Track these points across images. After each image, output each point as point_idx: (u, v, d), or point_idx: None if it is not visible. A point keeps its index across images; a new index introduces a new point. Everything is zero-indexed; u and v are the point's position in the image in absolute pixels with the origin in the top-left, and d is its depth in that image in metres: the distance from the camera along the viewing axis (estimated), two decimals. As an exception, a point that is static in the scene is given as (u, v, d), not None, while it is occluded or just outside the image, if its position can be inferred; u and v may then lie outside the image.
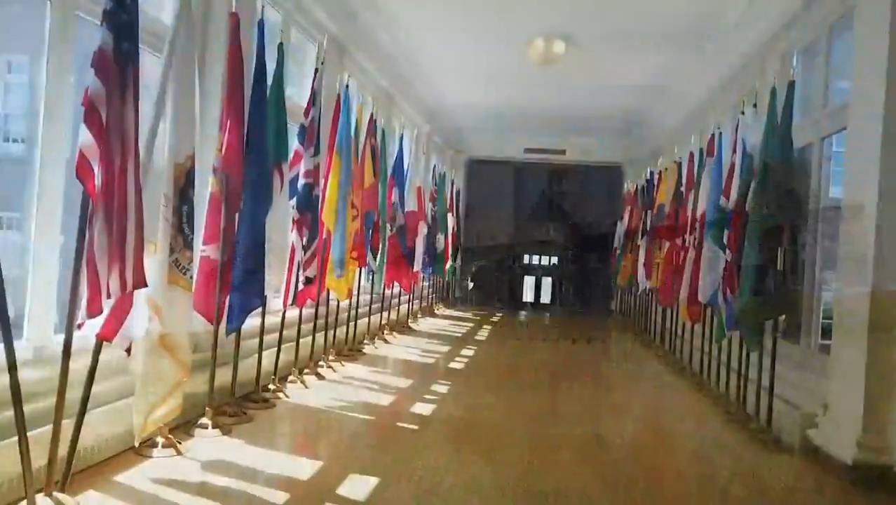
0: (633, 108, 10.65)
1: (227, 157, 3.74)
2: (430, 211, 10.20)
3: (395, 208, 7.54)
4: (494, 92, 10.49)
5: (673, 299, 7.72)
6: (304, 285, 4.88)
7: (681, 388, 6.18)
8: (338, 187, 5.37)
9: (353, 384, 5.31)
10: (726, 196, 5.52)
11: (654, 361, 7.70)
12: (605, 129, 12.78)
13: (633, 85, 9.21)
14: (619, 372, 6.97)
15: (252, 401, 4.38)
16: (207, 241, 3.78)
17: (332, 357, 5.98)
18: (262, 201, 3.93)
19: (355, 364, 6.15)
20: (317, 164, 4.83)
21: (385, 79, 8.43)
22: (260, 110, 3.92)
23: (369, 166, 6.45)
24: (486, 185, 16.43)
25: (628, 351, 8.70)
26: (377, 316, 7.90)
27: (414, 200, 8.28)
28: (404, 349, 7.29)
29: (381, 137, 7.28)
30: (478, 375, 6.03)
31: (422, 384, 5.51)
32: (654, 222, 8.98)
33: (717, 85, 7.51)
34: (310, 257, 4.81)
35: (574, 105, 10.94)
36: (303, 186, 4.71)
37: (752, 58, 6.40)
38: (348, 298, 6.21)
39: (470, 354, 7.27)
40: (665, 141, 10.55)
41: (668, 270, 7.89)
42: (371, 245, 6.77)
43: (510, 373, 6.26)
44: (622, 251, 11.69)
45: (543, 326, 12.03)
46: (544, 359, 7.36)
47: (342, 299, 5.72)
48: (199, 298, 3.77)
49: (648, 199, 9.75)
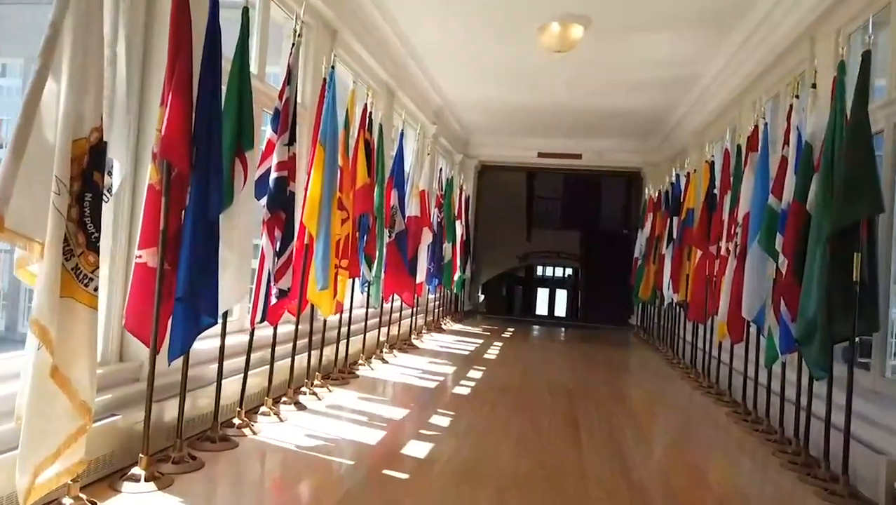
0: (655, 105, 9.84)
1: (168, 140, 2.98)
2: (436, 217, 9.44)
3: (394, 212, 6.77)
4: (505, 91, 9.74)
5: (705, 315, 6.90)
6: (278, 299, 4.10)
7: (722, 420, 5.34)
8: (321, 184, 4.61)
9: (338, 415, 4.52)
10: (776, 195, 4.71)
11: (686, 385, 6.85)
12: (623, 130, 11.99)
13: (656, 78, 8.41)
14: (647, 399, 6.12)
15: (210, 440, 3.61)
16: (144, 245, 3.03)
17: (317, 382, 5.20)
18: (215, 196, 3.16)
19: (345, 389, 5.36)
20: (292, 154, 4.06)
21: (385, 71, 7.69)
22: (213, 84, 3.17)
23: (363, 164, 5.70)
24: (498, 191, 15.64)
25: (655, 373, 7.84)
26: (378, 332, 7.10)
27: (417, 205, 7.51)
28: (404, 371, 6.49)
29: (379, 133, 6.54)
30: (485, 402, 5.21)
31: (420, 415, 4.71)
32: (681, 229, 8.16)
33: (755, 71, 6.69)
34: (283, 265, 4.04)
35: (591, 105, 10.16)
36: (275, 181, 3.94)
37: (798, 38, 5.60)
38: (337, 312, 5.45)
39: (477, 377, 6.46)
40: (691, 141, 9.74)
41: (699, 281, 7.06)
42: (365, 252, 6.00)
43: (523, 401, 5.44)
44: (643, 261, 10.87)
45: (559, 342, 11.17)
46: (561, 382, 6.52)
47: (326, 315, 4.93)
48: (133, 314, 3.03)
49: (674, 204, 8.94)
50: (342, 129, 5.33)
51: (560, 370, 7.41)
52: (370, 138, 6.08)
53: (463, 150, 13.30)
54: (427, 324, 9.93)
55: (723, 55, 7.15)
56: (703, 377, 6.85)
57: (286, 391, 4.64)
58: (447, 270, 10.39)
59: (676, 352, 8.59)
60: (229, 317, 3.86)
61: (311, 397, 4.85)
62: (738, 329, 5.54)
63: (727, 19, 6.30)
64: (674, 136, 11.04)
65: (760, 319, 5.13)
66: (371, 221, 6.03)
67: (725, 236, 6.21)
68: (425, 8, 6.79)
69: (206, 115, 3.12)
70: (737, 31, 6.50)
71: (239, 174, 3.54)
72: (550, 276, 24.00)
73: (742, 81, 7.17)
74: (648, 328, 11.20)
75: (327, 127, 4.67)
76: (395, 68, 8.12)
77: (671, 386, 6.85)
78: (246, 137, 3.57)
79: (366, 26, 6.82)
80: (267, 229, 3.92)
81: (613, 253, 16.48)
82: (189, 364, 3.33)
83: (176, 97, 3.00)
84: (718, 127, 8.68)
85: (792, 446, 4.31)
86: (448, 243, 10.33)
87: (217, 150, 3.19)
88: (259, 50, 4.96)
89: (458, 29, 7.29)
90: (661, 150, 12.25)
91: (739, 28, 6.41)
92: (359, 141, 5.70)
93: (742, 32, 6.44)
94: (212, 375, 3.78)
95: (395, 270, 6.84)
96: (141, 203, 3.14)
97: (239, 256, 3.52)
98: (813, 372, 3.92)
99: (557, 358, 8.65)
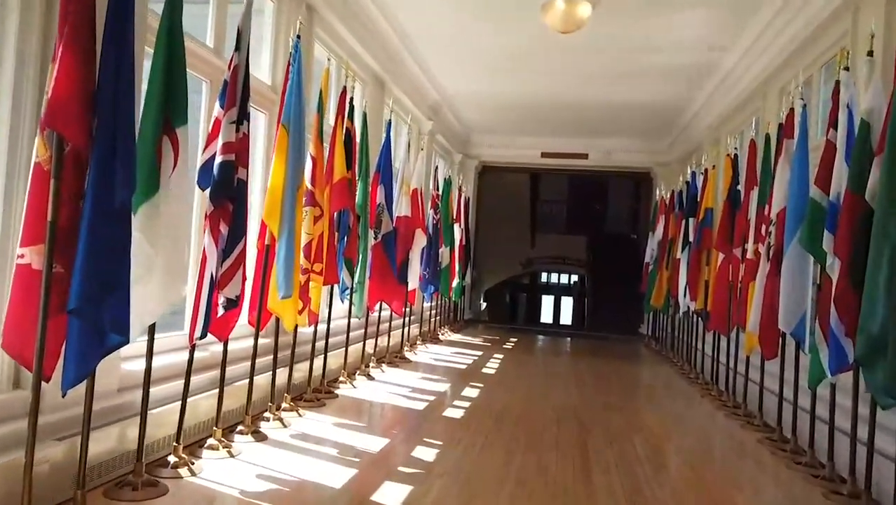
0: (668, 98, 9.12)
1: (56, 104, 2.29)
2: (432, 219, 8.74)
3: (380, 211, 6.08)
4: (507, 84, 9.05)
5: (729, 325, 6.17)
6: (226, 309, 3.40)
7: (751, 446, 4.61)
8: (284, 174, 3.91)
9: (303, 448, 3.80)
10: (822, 187, 4.00)
11: (707, 404, 6.11)
12: (632, 128, 11.28)
13: (671, 66, 7.70)
14: (668, 427, 5.39)
15: (131, 486, 2.90)
16: (28, 242, 2.34)
17: (285, 405, 4.50)
18: (123, 179, 2.46)
19: (319, 413, 4.64)
20: (242, 136, 3.37)
21: (374, 60, 7.02)
22: (122, 37, 2.48)
23: (341, 155, 5.01)
24: (500, 194, 14.92)
25: (672, 391, 7.11)
26: (363, 345, 6.38)
27: (407, 204, 6.81)
28: (390, 389, 5.77)
29: (363, 123, 5.85)
30: (479, 432, 4.49)
31: (401, 446, 4.00)
32: (699, 231, 7.44)
33: (787, 49, 5.96)
34: (231, 268, 3.33)
35: (598, 99, 9.46)
36: (219, 166, 3.24)
37: (842, 5, 4.89)
38: (310, 324, 4.75)
39: (473, 396, 5.74)
40: (707, 137, 9.04)
41: (721, 288, 6.34)
42: (345, 256, 5.31)
43: (525, 430, 4.70)
44: (655, 267, 10.14)
45: (564, 354, 10.42)
46: (569, 405, 5.79)
47: (290, 327, 4.21)
48: (13, 330, 2.34)
49: (690, 204, 8.22)
50: (315, 112, 4.66)
51: (567, 390, 6.67)
52: (351, 127, 5.40)
53: (462, 149, 12.61)
54: (422, 334, 9.21)
55: (748, 36, 6.44)
56: (728, 396, 6.11)
57: (243, 418, 3.93)
58: (444, 277, 9.69)
59: (693, 365, 7.85)
60: (178, 329, 3.17)
61: (276, 424, 4.14)
62: (772, 343, 4.81)
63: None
64: (687, 133, 10.33)
65: (801, 331, 4.41)
66: (352, 220, 5.34)
67: (753, 237, 5.50)
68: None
69: (111, 76, 2.43)
70: (766, 7, 5.79)
71: (168, 155, 2.84)
72: (555, 282, 23.25)
73: (769, 64, 6.45)
74: (661, 338, 10.46)
75: (291, 108, 3.97)
76: (387, 58, 7.45)
77: (692, 407, 6.11)
78: (176, 110, 2.87)
79: (351, 10, 6.14)
80: (209, 225, 3.22)
81: (621, 258, 15.76)
82: (123, 388, 2.64)
83: (69, 50, 2.32)
84: (737, 121, 7.97)
85: (848, 486, 3.58)
86: (445, 247, 9.63)
87: (127, 121, 2.49)
88: (216, 20, 4.29)
89: (456, 14, 6.61)
90: (672, 149, 11.54)
91: (768, 2, 5.70)
92: (337, 129, 5.01)
93: (771, 7, 5.73)
94: (151, 400, 3.08)
95: (381, 275, 6.14)
96: (24, 188, 2.45)
97: (166, 257, 2.82)
98: (878, 399, 3.19)
99: (563, 373, 7.91)
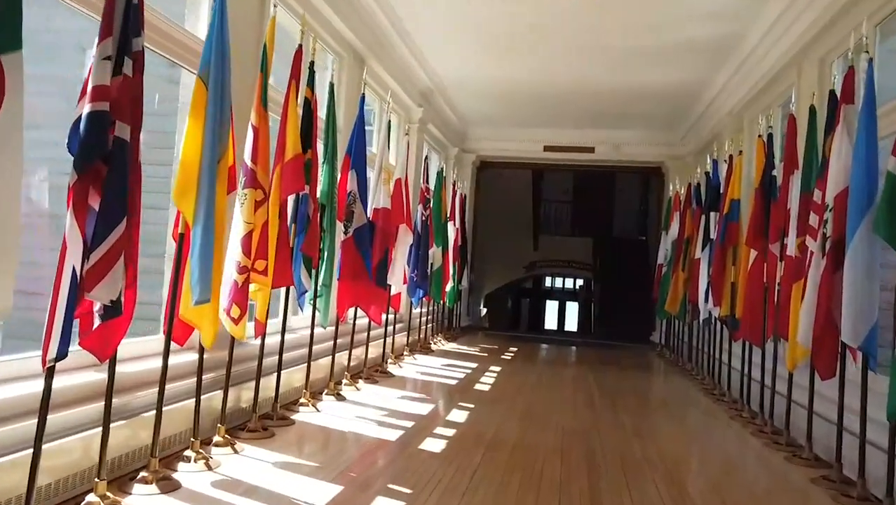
0: (684, 82, 8.21)
1: None
2: (421, 216, 7.82)
3: (351, 201, 5.16)
4: (505, 69, 8.16)
5: (764, 335, 5.23)
6: (103, 319, 2.48)
7: (810, 493, 3.66)
8: (200, 140, 2.99)
9: (219, 500, 2.87)
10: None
11: (737, 427, 5.15)
12: (643, 118, 10.36)
13: (688, 44, 6.79)
14: (692, 451, 4.46)
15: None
16: None
17: (217, 439, 3.57)
18: None
19: (262, 447, 3.71)
20: (122, 80, 2.45)
21: (353, 33, 6.13)
22: None
23: (295, 128, 4.10)
24: (500, 192, 14.00)
25: (694, 409, 6.16)
26: (332, 359, 5.44)
27: (386, 195, 5.89)
28: (361, 412, 4.83)
29: (330, 94, 4.95)
30: (466, 467, 3.56)
31: (356, 497, 3.06)
32: (724, 226, 6.48)
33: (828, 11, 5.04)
34: (101, 262, 2.40)
35: (606, 85, 8.55)
36: (87, 117, 2.33)
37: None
38: (257, 335, 3.82)
39: (461, 421, 4.80)
40: (729, 124, 8.10)
41: (753, 290, 5.39)
42: (303, 252, 4.39)
43: (522, 466, 3.75)
44: (670, 269, 9.20)
45: (570, 365, 9.45)
46: (576, 427, 4.86)
47: (209, 342, 3.25)
48: None
49: (712, 197, 7.28)
50: (259, 72, 3.75)
51: (572, 409, 5.71)
52: (313, 98, 4.49)
53: (459, 143, 11.69)
54: (411, 344, 8.27)
55: (775, 4, 5.53)
56: (763, 419, 5.14)
57: (148, 461, 3.00)
58: (436, 280, 8.76)
59: (716, 379, 6.89)
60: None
61: (197, 467, 3.21)
62: (830, 359, 3.86)
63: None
64: (703, 122, 9.39)
65: (871, 345, 3.47)
66: (312, 210, 4.42)
67: (796, 229, 4.57)
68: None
69: None
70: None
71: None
72: (560, 287, 22.28)
73: (805, 32, 5.51)
74: (675, 347, 9.48)
75: (211, 54, 3.05)
76: (368, 32, 6.56)
77: (720, 432, 5.15)
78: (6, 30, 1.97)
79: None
80: (72, 200, 2.30)
81: (630, 261, 14.83)
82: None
83: None
84: (764, 103, 7.04)
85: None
86: (437, 247, 8.71)
87: None
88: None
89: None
90: (686, 140, 10.61)
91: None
92: (290, 96, 4.09)
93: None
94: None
95: (353, 276, 5.21)
96: None
97: None
98: None
99: (568, 388, 6.95)
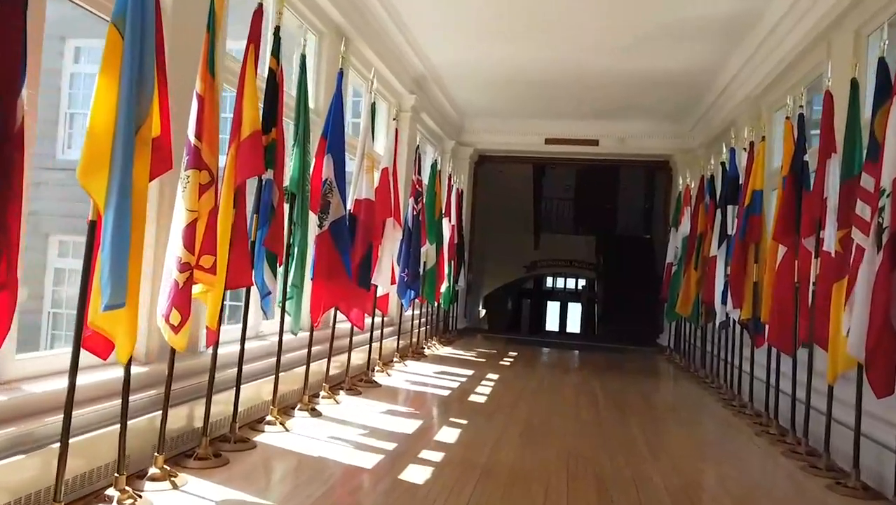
0: (695, 67, 7.61)
1: None
2: (411, 209, 7.22)
3: (326, 190, 4.55)
4: (503, 54, 7.56)
5: (795, 342, 4.62)
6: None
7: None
8: (115, 105, 2.38)
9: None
10: None
11: (768, 446, 4.54)
12: (650, 109, 9.75)
13: (700, 23, 6.18)
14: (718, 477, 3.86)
15: None
16: None
17: (154, 471, 2.96)
18: None
19: (208, 479, 3.10)
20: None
21: (337, 10, 5.54)
22: None
23: (253, 101, 3.49)
24: (499, 186, 13.39)
25: (713, 424, 5.56)
26: (307, 368, 4.82)
27: (369, 184, 5.28)
28: (337, 430, 4.20)
29: (301, 66, 4.34)
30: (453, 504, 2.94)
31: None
32: (744, 220, 5.86)
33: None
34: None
35: (612, 71, 7.95)
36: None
37: None
38: (209, 344, 3.22)
39: (450, 441, 4.18)
40: (745, 110, 7.48)
41: (782, 291, 4.78)
42: (266, 247, 3.78)
43: (520, 495, 3.16)
44: (680, 268, 8.59)
45: (573, 371, 8.82)
46: (581, 446, 4.25)
47: (122, 357, 2.62)
48: None
49: (729, 188, 6.66)
50: (206, 30, 3.15)
51: (577, 424, 5.09)
52: (278, 69, 3.89)
53: (456, 135, 11.08)
54: (402, 349, 7.66)
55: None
56: (794, 437, 4.54)
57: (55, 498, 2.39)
58: (430, 280, 8.15)
59: (736, 389, 6.27)
60: None
61: (125, 502, 2.61)
62: (887, 373, 3.25)
63: None
64: (715, 111, 8.77)
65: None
66: (277, 198, 3.82)
67: (837, 221, 3.98)
68: None
69: None
70: None
71: None
72: (562, 287, 21.67)
73: (838, 3, 4.93)
74: (686, 352, 8.87)
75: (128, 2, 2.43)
76: (354, 10, 5.96)
77: (746, 451, 4.53)
78: None
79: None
80: None
81: (635, 260, 14.21)
82: None
83: None
84: (784, 85, 6.42)
85: None
86: (431, 245, 8.11)
87: None
88: None
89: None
90: (696, 132, 9.99)
91: None
92: (247, 63, 3.49)
93: None
94: None
95: (330, 275, 4.60)
96: None
97: None
98: None
99: (572, 398, 6.32)
